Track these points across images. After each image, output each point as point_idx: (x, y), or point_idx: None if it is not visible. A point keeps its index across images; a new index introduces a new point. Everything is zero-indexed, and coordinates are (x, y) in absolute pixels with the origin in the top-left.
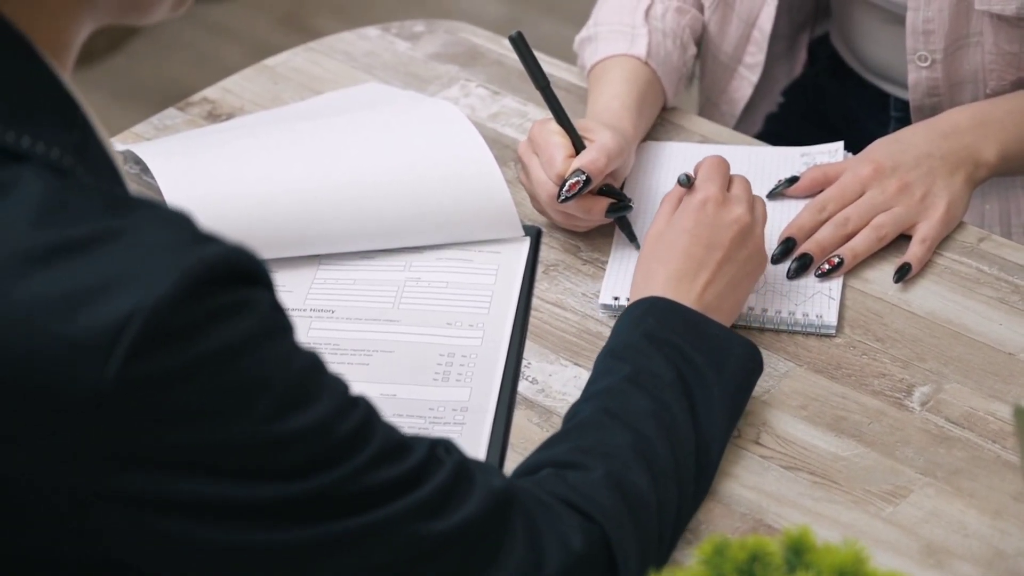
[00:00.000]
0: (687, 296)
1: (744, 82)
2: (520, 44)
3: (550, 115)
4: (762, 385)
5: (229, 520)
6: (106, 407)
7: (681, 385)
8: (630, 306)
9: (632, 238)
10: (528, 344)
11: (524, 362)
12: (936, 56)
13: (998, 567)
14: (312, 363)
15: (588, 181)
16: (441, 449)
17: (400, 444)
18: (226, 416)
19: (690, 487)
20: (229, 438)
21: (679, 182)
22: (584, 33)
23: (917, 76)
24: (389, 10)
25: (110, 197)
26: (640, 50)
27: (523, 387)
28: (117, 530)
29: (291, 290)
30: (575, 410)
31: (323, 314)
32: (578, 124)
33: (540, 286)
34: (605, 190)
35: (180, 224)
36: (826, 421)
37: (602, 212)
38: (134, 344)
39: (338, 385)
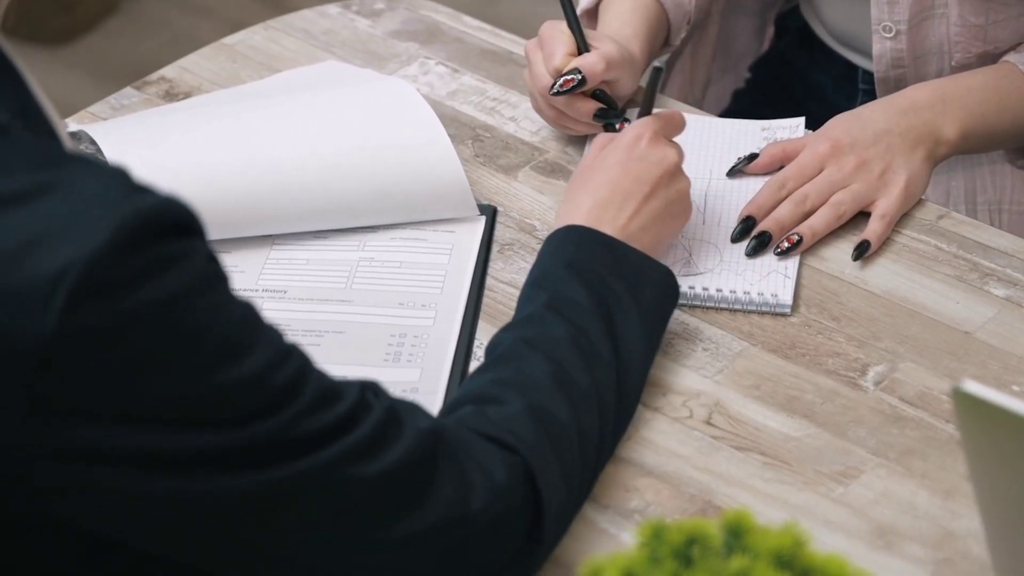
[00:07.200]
0: (611, 224)
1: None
2: None
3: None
4: (715, 365)
5: (170, 470)
6: (47, 361)
7: (600, 310)
8: (551, 235)
9: None
10: (481, 324)
11: (476, 342)
12: (901, 27)
13: (947, 548)
14: (248, 313)
15: (583, 81)
16: (370, 393)
17: (332, 390)
18: (166, 367)
19: (611, 411)
20: (169, 389)
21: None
22: None
23: (882, 47)
24: None
25: (45, 152)
26: None
27: (474, 367)
28: (61, 486)
29: (244, 270)
30: (496, 341)
31: (275, 294)
32: (588, 34)
33: (495, 265)
34: (600, 96)
35: (115, 177)
36: (778, 401)
37: (590, 114)
38: (70, 298)
39: (273, 334)
